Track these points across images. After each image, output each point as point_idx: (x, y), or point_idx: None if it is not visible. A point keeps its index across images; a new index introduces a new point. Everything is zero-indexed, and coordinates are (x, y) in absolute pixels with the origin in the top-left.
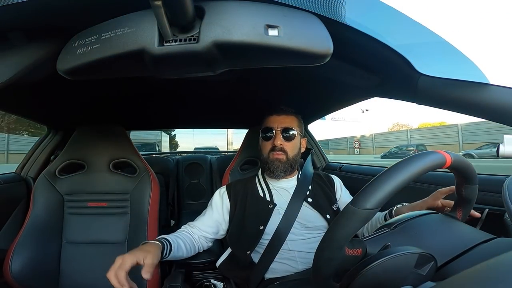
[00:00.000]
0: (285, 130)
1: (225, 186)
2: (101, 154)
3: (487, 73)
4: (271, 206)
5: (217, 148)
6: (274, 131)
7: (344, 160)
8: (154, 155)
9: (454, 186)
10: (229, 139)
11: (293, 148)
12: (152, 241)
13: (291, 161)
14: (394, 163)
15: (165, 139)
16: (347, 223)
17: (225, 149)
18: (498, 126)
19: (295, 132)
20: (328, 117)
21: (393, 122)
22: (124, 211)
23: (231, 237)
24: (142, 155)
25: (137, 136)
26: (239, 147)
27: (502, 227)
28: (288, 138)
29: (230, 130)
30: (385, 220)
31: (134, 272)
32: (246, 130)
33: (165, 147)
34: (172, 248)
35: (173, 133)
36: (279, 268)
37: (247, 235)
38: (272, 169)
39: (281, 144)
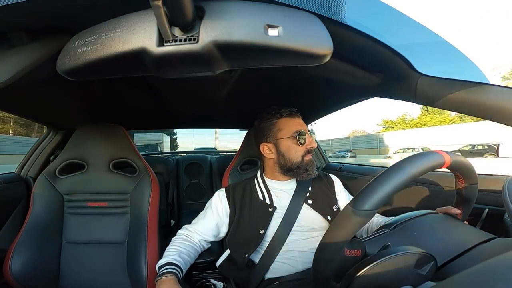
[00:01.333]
0: (311, 132)
1: (224, 189)
2: (101, 154)
3: (487, 73)
4: (271, 209)
5: (216, 148)
6: (305, 135)
7: None
8: (154, 155)
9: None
10: (216, 144)
11: None
12: (166, 277)
13: None
14: (394, 163)
15: (166, 140)
16: (346, 224)
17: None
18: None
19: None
20: None
21: (352, 128)
22: (124, 211)
23: (230, 240)
24: (145, 155)
25: (140, 138)
26: (222, 150)
27: (502, 227)
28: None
29: (216, 137)
30: None
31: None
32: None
33: (166, 147)
34: (183, 270)
35: (174, 136)
36: (279, 268)
37: (246, 239)
38: (309, 170)
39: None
